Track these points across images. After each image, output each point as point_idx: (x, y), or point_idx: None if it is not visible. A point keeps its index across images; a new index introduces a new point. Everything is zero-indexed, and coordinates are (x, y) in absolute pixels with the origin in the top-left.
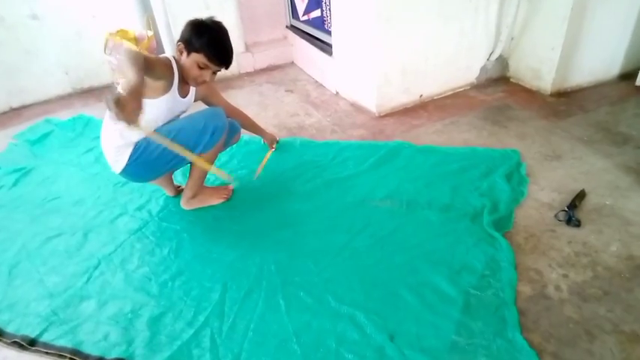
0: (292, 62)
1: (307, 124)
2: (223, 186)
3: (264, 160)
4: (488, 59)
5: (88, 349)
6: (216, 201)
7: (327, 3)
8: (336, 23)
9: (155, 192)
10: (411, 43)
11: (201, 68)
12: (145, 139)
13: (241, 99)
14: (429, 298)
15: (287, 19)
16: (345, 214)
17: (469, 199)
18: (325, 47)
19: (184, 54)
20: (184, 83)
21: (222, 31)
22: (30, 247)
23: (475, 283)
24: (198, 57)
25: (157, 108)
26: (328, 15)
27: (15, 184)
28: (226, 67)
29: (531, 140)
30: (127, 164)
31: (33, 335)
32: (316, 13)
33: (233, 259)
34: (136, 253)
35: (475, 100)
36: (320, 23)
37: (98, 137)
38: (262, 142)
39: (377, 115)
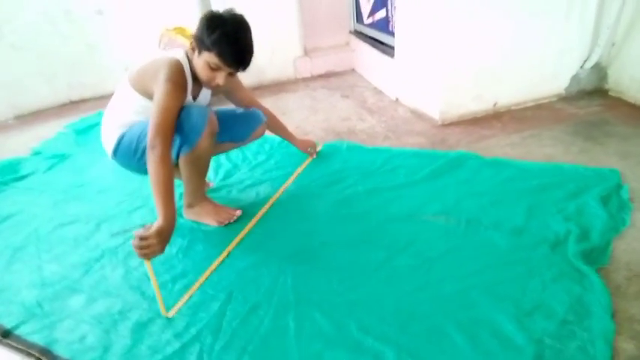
0: (352, 69)
1: (358, 129)
2: (231, 208)
3: (301, 168)
4: (581, 67)
5: (60, 349)
6: (210, 222)
7: (392, 1)
8: (400, 19)
9: (182, 186)
10: (487, 40)
11: (213, 69)
12: (129, 127)
13: (292, 102)
14: (486, 343)
15: (351, 23)
16: (386, 228)
17: (549, 222)
18: (387, 50)
19: (196, 52)
20: (196, 84)
21: (239, 26)
22: (41, 232)
23: (553, 331)
24: (209, 56)
25: None
26: (393, 14)
27: (49, 169)
28: (242, 69)
29: (636, 160)
30: (112, 151)
31: (9, 326)
32: (381, 14)
33: (246, 265)
34: None
35: (563, 113)
36: (384, 25)
37: None
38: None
39: (440, 123)
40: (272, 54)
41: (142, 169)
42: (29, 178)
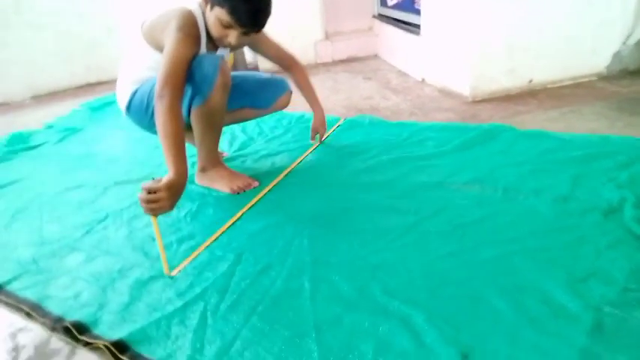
0: (376, 55)
1: (382, 107)
2: (249, 177)
3: (306, 153)
4: (624, 43)
5: (52, 305)
6: (224, 188)
7: None
8: None
9: (194, 157)
10: (521, 11)
11: (225, 27)
12: (142, 83)
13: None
14: (533, 309)
15: (375, 8)
16: (413, 194)
17: (600, 190)
18: (413, 29)
19: (208, 7)
20: (212, 40)
21: None
22: (45, 195)
23: (613, 299)
24: (220, 12)
25: None
26: None
27: (60, 140)
28: (256, 30)
29: None
30: (125, 107)
31: (1, 281)
32: None
33: (258, 228)
34: None
35: (604, 92)
36: (409, 3)
37: None
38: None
39: (470, 99)
40: (292, 38)
41: (153, 127)
42: (39, 148)
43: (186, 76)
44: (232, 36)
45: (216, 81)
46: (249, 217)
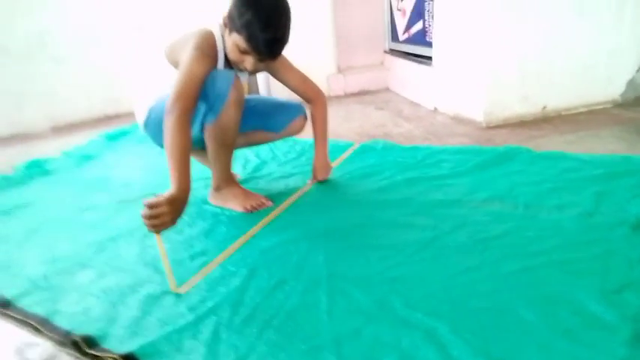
0: (387, 88)
1: (395, 133)
2: (262, 196)
3: (301, 191)
4: (638, 71)
5: (61, 320)
6: (237, 207)
7: (430, 10)
8: (439, 26)
9: (209, 179)
10: (534, 38)
11: (242, 52)
12: (160, 99)
13: None
14: (565, 321)
15: (386, 43)
16: (431, 212)
17: (625, 206)
18: (424, 61)
19: (227, 30)
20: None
21: (275, 8)
22: (58, 216)
23: None
24: (238, 38)
25: None
26: (430, 24)
27: (76, 166)
28: (271, 58)
29: None
30: (143, 123)
31: (9, 297)
32: (418, 27)
33: (271, 245)
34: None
35: (621, 117)
36: (421, 37)
37: None
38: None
39: (484, 125)
40: (305, 70)
41: None
42: (55, 174)
43: (199, 93)
44: (248, 62)
45: (229, 97)
46: (262, 235)
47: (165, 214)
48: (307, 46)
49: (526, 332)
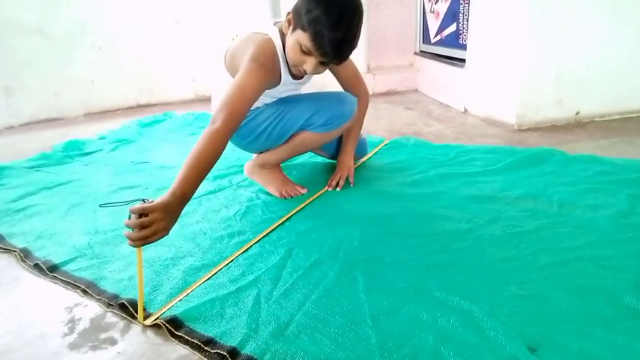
0: (415, 89)
1: (425, 132)
2: (299, 185)
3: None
4: None
5: (108, 285)
6: (273, 190)
7: (465, 13)
8: (474, 26)
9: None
10: (571, 42)
11: (304, 52)
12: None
13: None
14: (601, 311)
15: (417, 45)
16: (465, 206)
17: None
18: (456, 63)
19: (290, 27)
20: None
21: (347, 7)
22: (99, 193)
23: None
24: (302, 36)
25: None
26: (465, 27)
27: (113, 149)
28: (336, 62)
29: None
30: None
31: (57, 262)
32: (451, 29)
33: (307, 228)
34: (200, 209)
35: None
36: (453, 39)
37: (205, 125)
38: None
39: (516, 128)
40: None
41: (249, 147)
42: (93, 155)
43: (248, 108)
44: (309, 64)
45: (349, 121)
46: (298, 219)
47: (159, 220)
48: None
49: (562, 319)
